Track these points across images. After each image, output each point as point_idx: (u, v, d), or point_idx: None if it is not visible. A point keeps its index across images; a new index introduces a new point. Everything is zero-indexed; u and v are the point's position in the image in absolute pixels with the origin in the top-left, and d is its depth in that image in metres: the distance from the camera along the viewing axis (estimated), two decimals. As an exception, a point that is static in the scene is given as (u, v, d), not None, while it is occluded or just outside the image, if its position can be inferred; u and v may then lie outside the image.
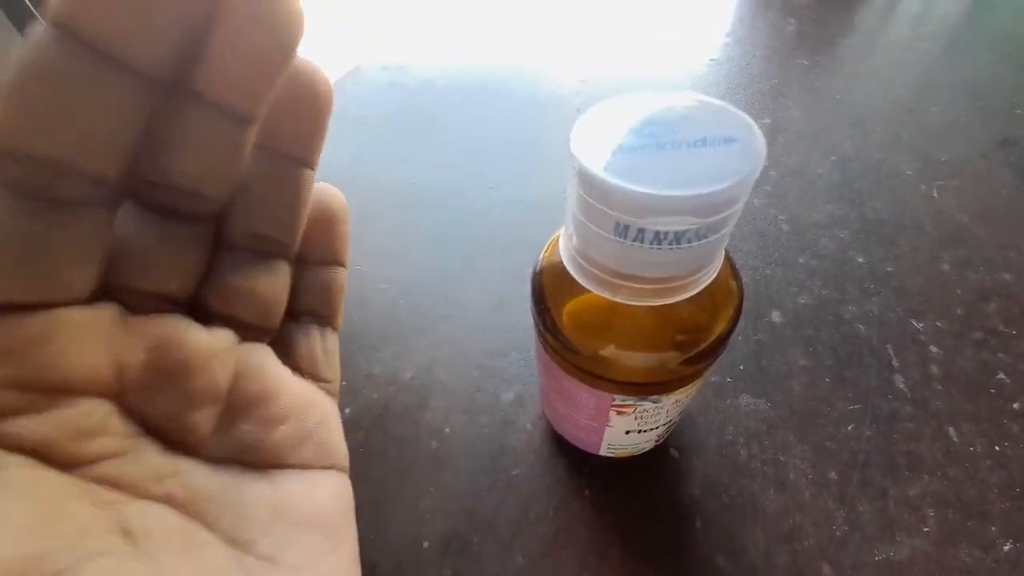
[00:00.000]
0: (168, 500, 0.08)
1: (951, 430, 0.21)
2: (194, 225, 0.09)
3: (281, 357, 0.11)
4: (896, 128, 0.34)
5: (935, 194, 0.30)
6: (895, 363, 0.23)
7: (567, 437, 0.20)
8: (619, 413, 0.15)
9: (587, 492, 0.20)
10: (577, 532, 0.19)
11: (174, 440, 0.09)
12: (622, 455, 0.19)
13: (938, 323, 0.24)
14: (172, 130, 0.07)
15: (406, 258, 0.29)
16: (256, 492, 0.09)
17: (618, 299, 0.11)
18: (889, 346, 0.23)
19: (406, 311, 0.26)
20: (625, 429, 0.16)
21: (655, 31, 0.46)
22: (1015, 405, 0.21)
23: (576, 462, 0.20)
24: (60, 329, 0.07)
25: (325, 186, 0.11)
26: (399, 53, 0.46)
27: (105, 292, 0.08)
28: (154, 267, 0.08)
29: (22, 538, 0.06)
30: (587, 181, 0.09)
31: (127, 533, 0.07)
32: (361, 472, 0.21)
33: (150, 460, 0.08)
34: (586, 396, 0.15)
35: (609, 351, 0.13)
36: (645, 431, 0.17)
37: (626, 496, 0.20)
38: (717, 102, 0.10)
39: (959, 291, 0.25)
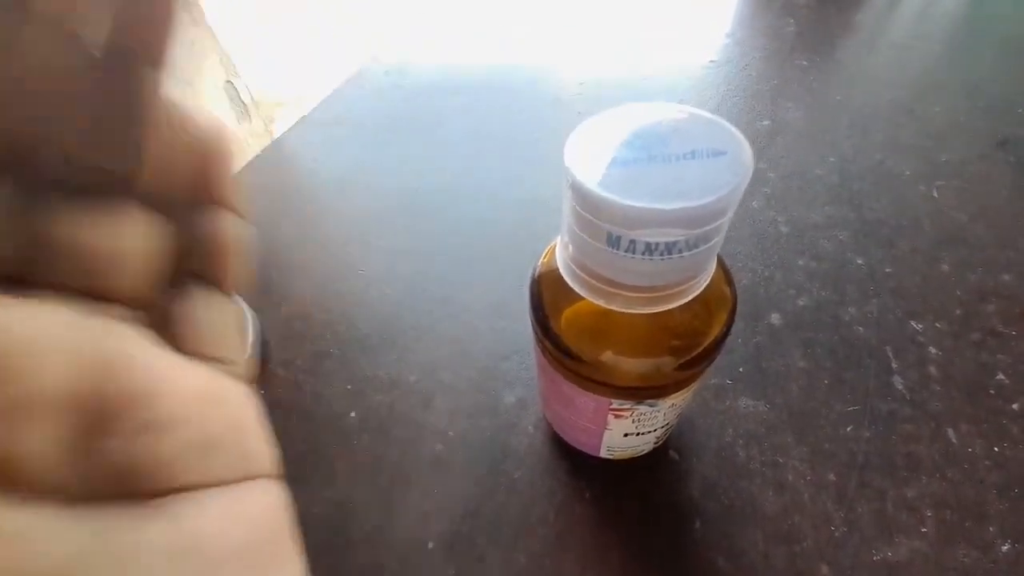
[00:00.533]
0: None
1: (950, 431, 0.21)
2: None
3: (161, 337, 0.08)
4: (895, 129, 0.34)
5: (935, 194, 0.30)
6: (894, 364, 0.23)
7: (567, 440, 0.20)
8: (617, 416, 0.15)
9: (588, 494, 0.20)
10: (578, 533, 0.19)
11: (5, 479, 0.06)
12: (622, 457, 0.20)
13: (937, 324, 0.24)
14: None
15: (408, 261, 0.29)
16: (146, 535, 0.07)
17: (613, 307, 0.12)
18: (888, 347, 0.23)
19: (409, 314, 0.27)
20: (623, 432, 0.16)
21: (654, 32, 0.46)
22: (1014, 406, 0.21)
23: (577, 464, 0.21)
24: None
25: (199, 113, 0.09)
26: (400, 56, 0.46)
27: None
28: None
29: None
30: (580, 194, 0.10)
31: None
32: (366, 474, 0.21)
33: None
34: (584, 400, 0.15)
35: (606, 356, 0.13)
36: (643, 434, 0.17)
37: (626, 498, 0.20)
38: (707, 114, 0.10)
39: (958, 292, 0.25)
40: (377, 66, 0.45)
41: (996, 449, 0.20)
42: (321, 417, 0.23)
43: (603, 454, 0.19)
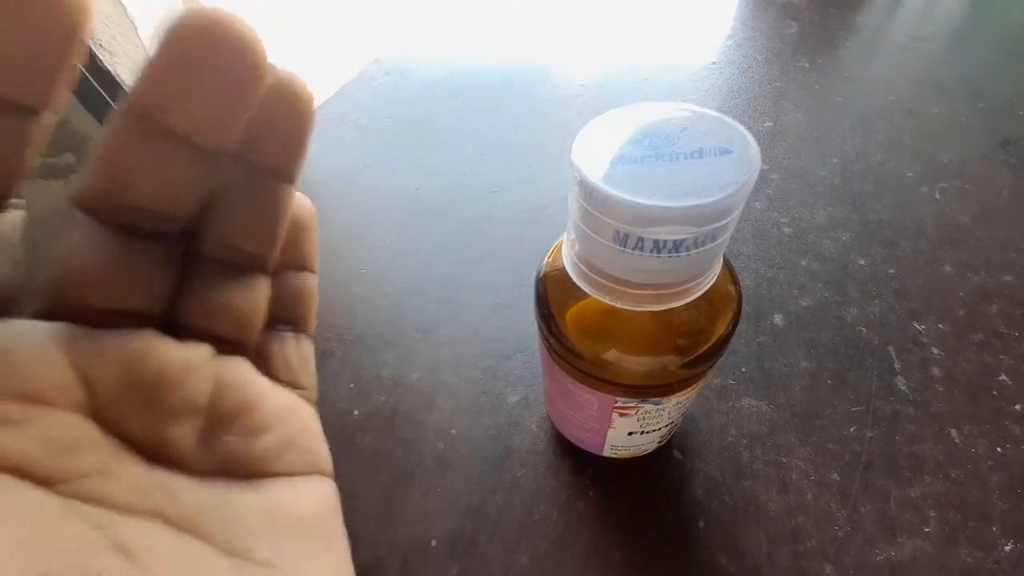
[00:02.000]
0: (157, 516, 0.08)
1: (952, 432, 0.21)
2: (160, 242, 0.09)
3: (258, 366, 0.11)
4: (897, 130, 0.35)
5: (936, 195, 0.30)
6: (897, 365, 0.23)
7: (571, 439, 0.20)
8: (621, 415, 0.15)
9: (591, 493, 0.20)
10: (581, 532, 0.19)
11: (157, 456, 0.09)
12: (625, 456, 0.20)
13: (940, 325, 0.24)
14: (136, 156, 0.08)
15: (410, 261, 0.29)
16: (246, 502, 0.09)
17: (619, 304, 0.12)
18: (891, 348, 0.23)
19: (411, 314, 0.27)
20: (628, 430, 0.16)
21: (655, 34, 0.46)
22: (1016, 407, 0.21)
23: (580, 463, 0.21)
24: (18, 340, 0.07)
25: (295, 194, 0.11)
26: (402, 58, 0.46)
27: (66, 314, 0.08)
28: (116, 285, 0.08)
29: (22, 560, 0.06)
30: (588, 192, 0.10)
31: (124, 551, 0.07)
32: (370, 473, 0.21)
33: (134, 476, 0.08)
34: (589, 398, 0.15)
35: (611, 355, 0.13)
36: (647, 432, 0.17)
37: (629, 497, 0.20)
38: (713, 113, 0.10)
39: (960, 293, 0.25)
40: (379, 67, 0.45)
41: (999, 450, 0.20)
42: (323, 416, 0.23)
43: (606, 453, 0.19)
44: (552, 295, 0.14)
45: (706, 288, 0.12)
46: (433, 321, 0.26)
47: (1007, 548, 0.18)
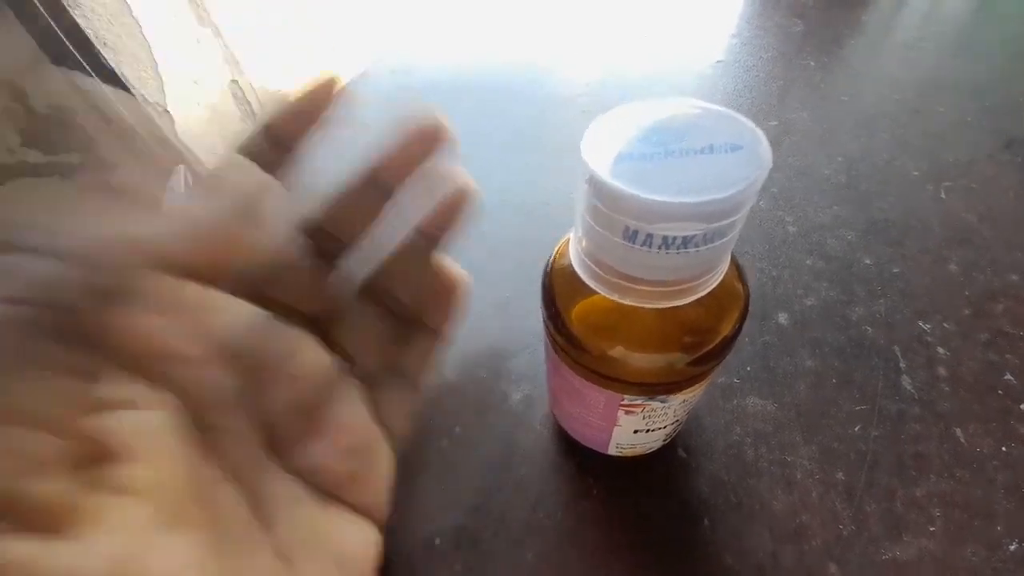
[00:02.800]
0: (248, 488, 0.10)
1: (958, 431, 0.21)
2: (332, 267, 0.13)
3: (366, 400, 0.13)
4: (903, 129, 0.34)
5: (942, 195, 0.30)
6: (902, 364, 0.23)
7: (575, 437, 0.20)
8: (628, 413, 0.15)
9: (595, 491, 0.20)
10: (585, 531, 0.19)
11: (272, 443, 0.11)
12: (630, 454, 0.20)
13: (945, 324, 0.24)
14: (353, 200, 0.13)
15: (415, 260, 0.29)
16: (306, 512, 0.11)
17: (626, 301, 0.12)
18: (896, 347, 0.23)
19: (415, 312, 0.27)
20: (633, 428, 0.16)
21: (660, 32, 0.46)
22: (1022, 406, 0.21)
23: (584, 461, 0.21)
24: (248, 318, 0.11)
25: (460, 270, 0.15)
26: (406, 57, 0.46)
27: (264, 302, 0.11)
28: (299, 289, 0.12)
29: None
30: (597, 187, 0.10)
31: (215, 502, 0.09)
32: (373, 471, 0.21)
33: (252, 448, 0.10)
34: (595, 395, 0.15)
35: (618, 352, 0.13)
36: (653, 430, 0.17)
37: (634, 495, 0.20)
38: (723, 109, 0.10)
39: (966, 292, 0.25)
40: (383, 67, 0.45)
41: (1004, 449, 0.20)
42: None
43: (611, 451, 0.19)
44: (559, 292, 0.14)
45: (714, 285, 0.12)
46: (437, 319, 0.26)
47: (1012, 548, 0.18)
